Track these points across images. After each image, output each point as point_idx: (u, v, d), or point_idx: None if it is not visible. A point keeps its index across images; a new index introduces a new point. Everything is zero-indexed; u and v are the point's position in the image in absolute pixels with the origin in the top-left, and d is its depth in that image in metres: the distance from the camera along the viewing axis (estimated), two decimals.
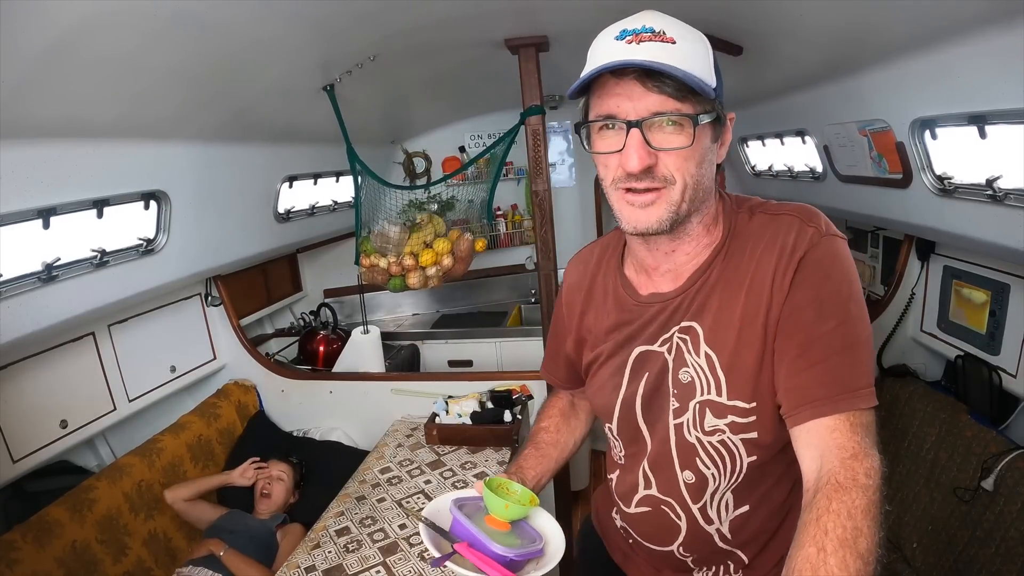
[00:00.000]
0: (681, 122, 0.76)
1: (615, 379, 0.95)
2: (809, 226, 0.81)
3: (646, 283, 0.93)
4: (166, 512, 1.91)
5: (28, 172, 1.33)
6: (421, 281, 2.26)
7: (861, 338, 0.78)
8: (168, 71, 1.39)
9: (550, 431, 1.13)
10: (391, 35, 1.79)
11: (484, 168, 3.16)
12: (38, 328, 1.50)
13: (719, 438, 0.86)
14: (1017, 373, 1.66)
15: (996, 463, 1.55)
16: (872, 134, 1.66)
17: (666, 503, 0.94)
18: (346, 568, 1.49)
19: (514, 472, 1.03)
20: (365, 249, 2.26)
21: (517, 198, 3.67)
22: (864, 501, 0.68)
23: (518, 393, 2.20)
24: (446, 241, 2.27)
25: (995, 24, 1.05)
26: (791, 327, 0.79)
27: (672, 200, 0.79)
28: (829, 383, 0.75)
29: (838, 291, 0.78)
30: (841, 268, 0.79)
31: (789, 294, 0.79)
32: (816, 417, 0.75)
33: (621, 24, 0.78)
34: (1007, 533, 1.48)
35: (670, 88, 0.74)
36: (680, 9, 1.44)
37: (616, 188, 0.81)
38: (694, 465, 0.89)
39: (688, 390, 0.87)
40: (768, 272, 0.81)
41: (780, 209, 0.86)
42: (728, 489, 0.90)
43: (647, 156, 0.76)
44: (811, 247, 0.79)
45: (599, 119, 0.79)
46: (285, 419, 2.50)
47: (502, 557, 0.83)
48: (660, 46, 0.74)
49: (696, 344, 0.86)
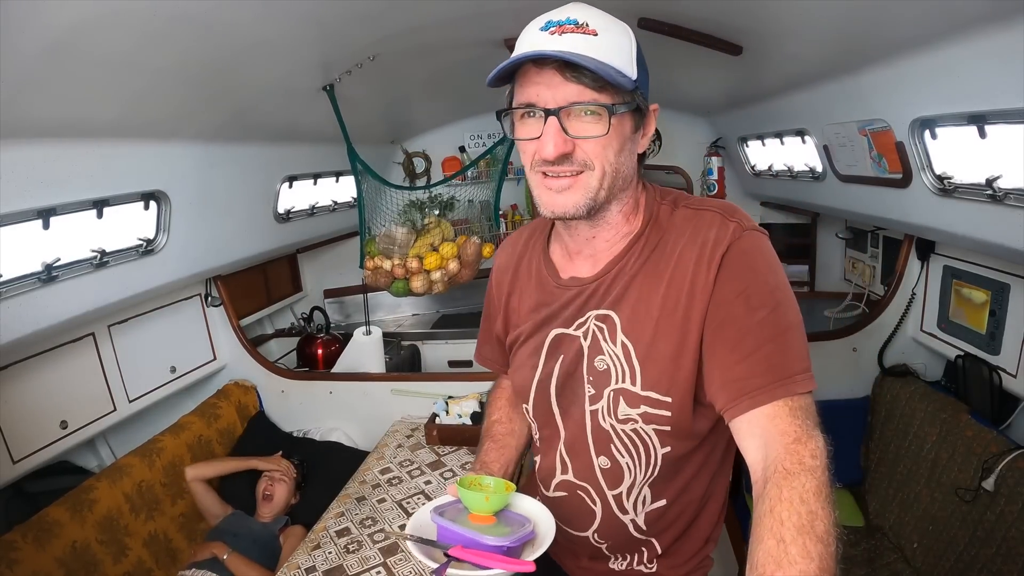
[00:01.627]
0: (598, 111, 0.77)
1: (532, 360, 0.97)
2: (730, 221, 0.83)
3: (568, 266, 0.94)
4: (166, 513, 1.91)
5: (28, 172, 1.33)
6: (425, 286, 2.21)
7: (792, 324, 0.79)
8: (168, 71, 1.39)
9: (503, 422, 1.13)
10: (391, 35, 1.79)
11: (484, 168, 3.17)
12: (38, 328, 1.50)
13: (632, 427, 0.88)
14: (1017, 373, 1.66)
15: (997, 463, 1.55)
16: (872, 134, 1.66)
17: (582, 488, 0.95)
18: (346, 569, 1.49)
19: (479, 469, 1.03)
20: (370, 251, 2.25)
21: (517, 198, 3.66)
22: (814, 483, 0.68)
23: None
24: (453, 245, 2.23)
25: (995, 24, 1.05)
26: (720, 321, 0.80)
27: (590, 186, 0.81)
28: (764, 372, 0.75)
29: (764, 281, 0.79)
30: (764, 259, 0.81)
31: (715, 289, 0.80)
32: (754, 407, 0.75)
33: (548, 15, 0.80)
34: (1008, 533, 1.48)
35: (587, 79, 0.76)
36: (680, 9, 1.43)
37: (535, 171, 0.83)
38: (609, 451, 0.91)
39: (603, 377, 0.88)
40: (689, 266, 0.82)
41: (703, 204, 0.88)
42: (645, 483, 0.91)
43: (563, 143, 0.78)
44: (733, 241, 0.81)
45: (520, 107, 0.81)
46: (285, 419, 2.50)
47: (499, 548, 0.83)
48: (582, 38, 0.76)
49: (613, 332, 0.87)
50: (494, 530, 0.86)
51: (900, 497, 1.87)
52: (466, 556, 0.82)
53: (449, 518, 0.88)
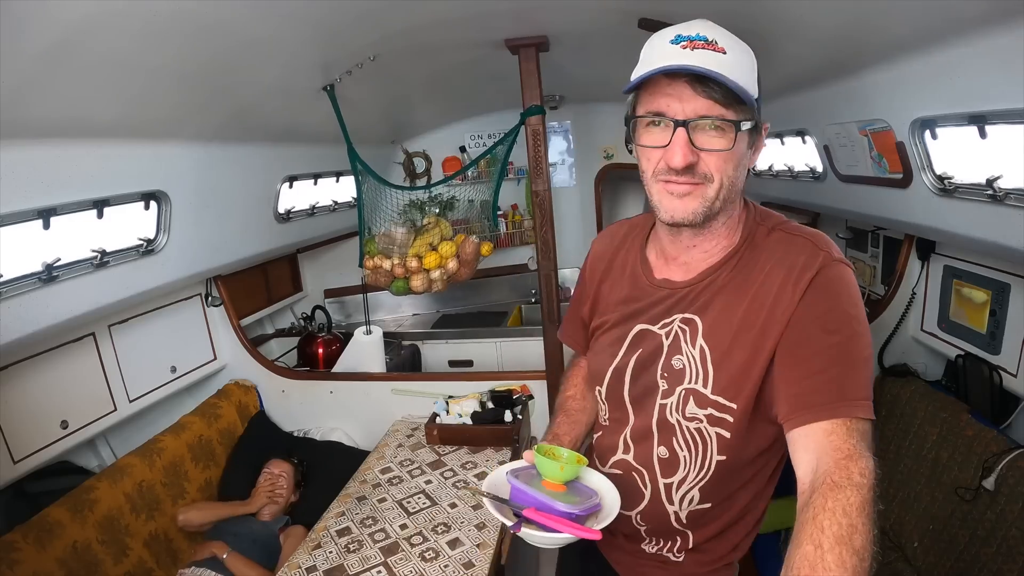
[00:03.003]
0: (724, 127, 0.81)
1: (613, 347, 1.02)
2: (821, 250, 0.86)
3: (662, 268, 0.99)
4: (167, 513, 1.91)
5: (28, 172, 1.33)
6: (425, 284, 2.22)
7: (862, 356, 0.82)
8: (168, 71, 1.39)
9: (576, 398, 1.19)
10: (391, 35, 1.79)
11: (484, 168, 3.17)
12: (38, 328, 1.50)
13: (696, 425, 0.93)
14: (1018, 372, 1.66)
15: (997, 462, 1.55)
16: (872, 134, 1.66)
17: (637, 471, 1.01)
18: (347, 568, 1.49)
19: (550, 440, 1.09)
20: (369, 250, 2.25)
21: (517, 198, 3.67)
22: (859, 499, 0.70)
23: (518, 393, 2.21)
24: (451, 244, 2.24)
25: (995, 24, 1.05)
26: (796, 340, 0.83)
27: (708, 196, 0.84)
28: (828, 391, 0.79)
29: (843, 310, 0.83)
30: (846, 290, 0.84)
31: (796, 310, 0.83)
32: (814, 421, 0.78)
33: (676, 29, 0.83)
34: (1008, 532, 1.48)
35: (717, 94, 0.80)
36: (680, 9, 1.43)
37: (656, 180, 0.86)
38: (670, 443, 0.96)
39: (678, 376, 0.93)
40: (774, 286, 0.86)
41: (798, 231, 0.91)
42: (696, 485, 0.96)
43: (690, 154, 0.81)
44: (821, 268, 0.84)
45: (648, 115, 0.84)
46: (286, 419, 2.50)
47: (569, 514, 0.88)
48: (712, 54, 0.80)
49: (694, 336, 0.92)
50: (564, 498, 0.92)
51: (900, 496, 1.87)
52: (538, 518, 0.89)
53: (522, 481, 0.95)
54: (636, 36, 1.90)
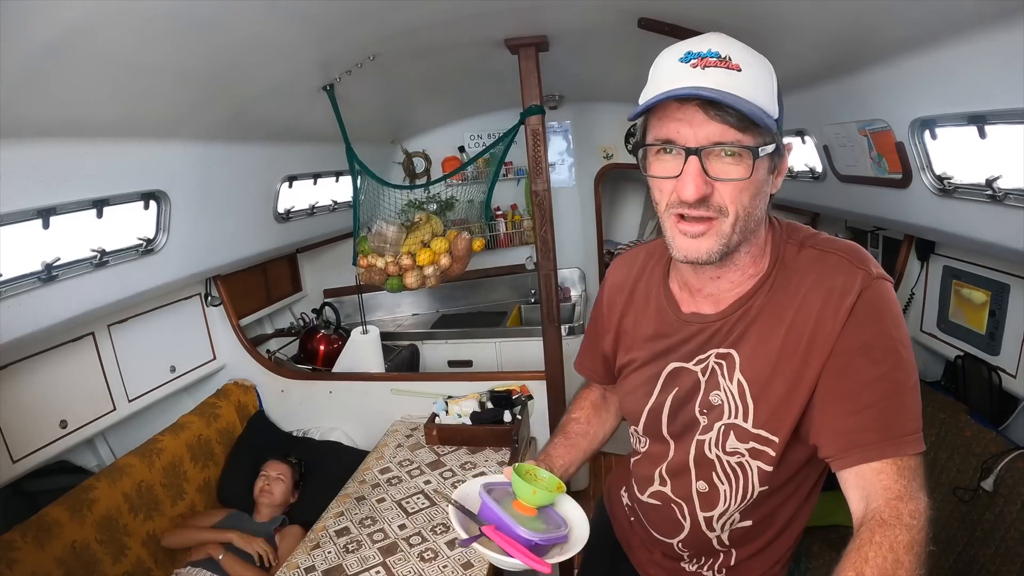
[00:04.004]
0: (740, 153, 0.75)
1: (646, 387, 0.97)
2: (859, 269, 0.81)
3: (688, 301, 0.93)
4: (166, 513, 1.91)
5: (28, 172, 1.33)
6: (419, 281, 2.24)
7: (909, 384, 0.78)
8: (168, 71, 1.39)
9: (580, 422, 1.15)
10: (391, 35, 1.79)
11: (484, 168, 3.16)
12: (38, 328, 1.49)
13: (738, 460, 0.89)
14: (1017, 373, 1.66)
15: (996, 463, 1.55)
16: (872, 134, 1.66)
17: (676, 504, 0.98)
18: (346, 568, 1.49)
19: (542, 460, 1.05)
20: (363, 249, 2.26)
21: (517, 198, 3.67)
22: (907, 538, 0.69)
23: (518, 393, 2.20)
24: (443, 240, 2.26)
25: (995, 24, 1.04)
26: (840, 370, 0.79)
27: (723, 232, 0.78)
28: (876, 428, 0.76)
29: (888, 336, 0.78)
30: (890, 313, 0.80)
31: (840, 338, 0.79)
32: (863, 462, 0.76)
33: (687, 44, 0.77)
34: (1007, 533, 1.48)
35: (732, 118, 0.73)
36: (680, 9, 1.43)
37: (669, 214, 0.81)
38: (709, 478, 0.93)
39: (717, 412, 0.89)
40: (812, 312, 0.81)
41: (830, 246, 0.85)
42: (737, 511, 0.93)
43: (704, 185, 0.75)
44: (862, 291, 0.79)
45: (657, 143, 0.78)
46: (285, 419, 2.50)
47: (527, 541, 0.86)
48: (725, 73, 0.73)
49: (731, 370, 0.87)
50: (531, 523, 0.90)
51: None
52: (495, 538, 0.87)
53: (496, 498, 0.93)
54: (636, 36, 1.90)
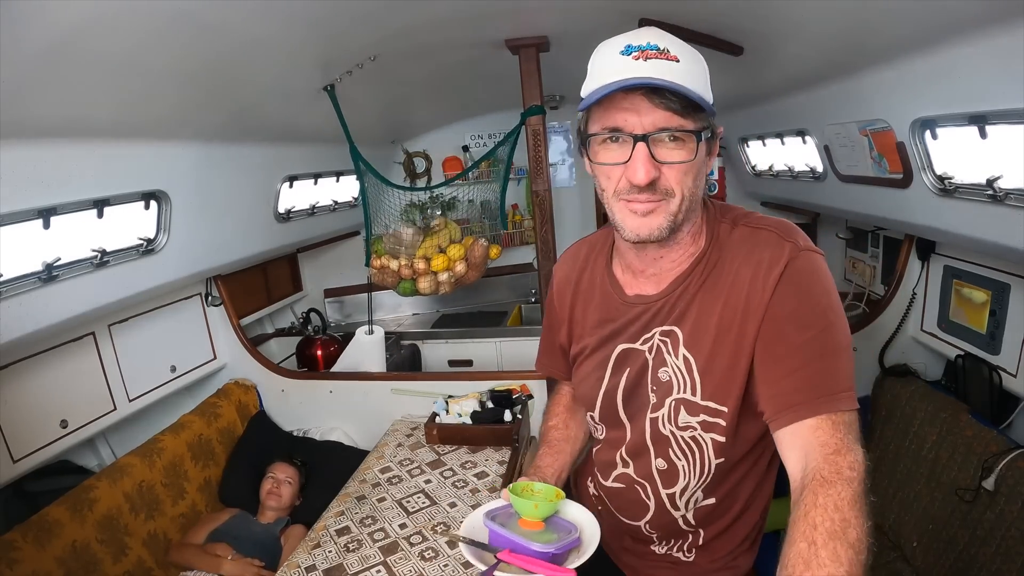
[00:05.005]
0: (684, 137, 0.79)
1: (598, 372, 1.00)
2: (786, 241, 0.85)
3: (632, 283, 0.97)
4: (167, 513, 1.91)
5: (28, 172, 1.33)
6: (432, 286, 2.21)
7: (840, 345, 0.82)
8: (168, 71, 1.39)
9: (559, 428, 1.17)
10: (391, 35, 1.79)
11: (485, 169, 3.16)
12: (38, 328, 1.50)
13: (691, 434, 0.92)
14: (1017, 373, 1.66)
15: (996, 463, 1.55)
16: (872, 134, 1.66)
17: (640, 484, 1.00)
18: (346, 568, 1.49)
19: (533, 473, 1.07)
20: (376, 250, 2.24)
21: (517, 198, 3.67)
22: (850, 493, 0.70)
23: (518, 393, 2.20)
24: (460, 247, 2.23)
25: (995, 24, 1.05)
26: (771, 338, 0.83)
27: (671, 212, 0.83)
28: (809, 388, 0.79)
29: (816, 302, 0.82)
30: (817, 281, 0.83)
31: (769, 307, 0.83)
32: (798, 419, 0.79)
33: (624, 38, 0.80)
34: (1007, 533, 1.48)
35: (676, 105, 0.77)
36: (681, 9, 1.43)
37: (618, 199, 0.84)
38: (667, 455, 0.96)
39: (666, 388, 0.93)
40: (744, 285, 0.85)
41: (760, 223, 0.90)
42: (699, 488, 0.96)
43: (653, 169, 0.79)
44: (789, 261, 0.83)
45: (604, 132, 0.81)
46: (285, 419, 2.50)
47: (544, 554, 0.87)
48: (665, 64, 0.78)
49: (676, 346, 0.91)
50: (541, 536, 0.92)
51: (900, 496, 1.87)
52: (513, 560, 0.88)
53: (500, 522, 0.94)
54: None
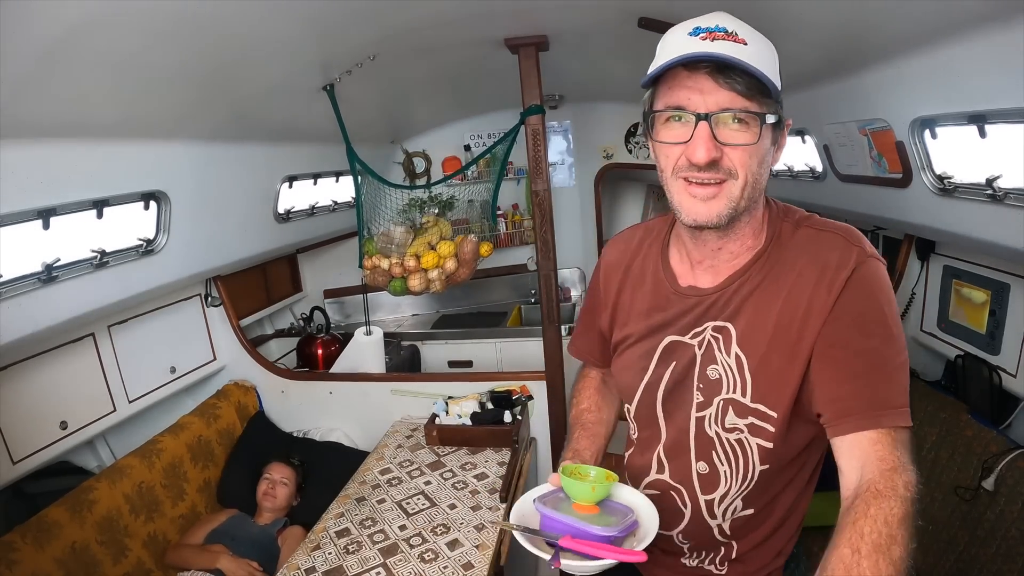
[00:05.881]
0: (747, 120, 0.78)
1: (642, 362, 0.97)
2: (854, 246, 0.83)
3: (687, 274, 0.94)
4: (166, 514, 1.91)
5: (28, 172, 1.32)
6: (423, 284, 2.21)
7: (899, 360, 0.80)
8: (168, 71, 1.39)
9: (592, 411, 1.14)
10: (391, 35, 1.79)
11: (484, 168, 3.16)
12: (38, 329, 1.49)
13: (736, 436, 0.88)
14: (1017, 373, 1.66)
15: (996, 463, 1.55)
16: (872, 133, 1.66)
17: (676, 490, 0.96)
18: (346, 569, 1.49)
19: (572, 457, 1.04)
20: (368, 250, 2.25)
21: (517, 198, 3.67)
22: (901, 511, 0.70)
23: (518, 394, 2.20)
24: (450, 244, 2.23)
25: (995, 24, 1.04)
26: (833, 341, 0.80)
27: (732, 195, 0.80)
28: (871, 397, 0.77)
29: (880, 311, 0.80)
30: (882, 290, 0.82)
31: (833, 310, 0.80)
32: (860, 430, 0.77)
33: (694, 21, 0.80)
34: (1008, 533, 1.48)
35: (740, 86, 0.76)
36: (680, 9, 1.43)
37: (677, 177, 0.82)
38: (709, 457, 0.91)
39: (715, 386, 0.89)
40: (808, 286, 0.82)
41: (825, 226, 0.87)
42: (739, 496, 0.92)
43: (713, 149, 0.77)
44: (856, 267, 0.81)
45: (668, 109, 0.80)
46: (285, 419, 2.50)
47: (607, 537, 0.83)
48: (733, 45, 0.77)
49: (728, 344, 0.88)
50: (599, 520, 0.87)
51: None
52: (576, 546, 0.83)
53: (551, 507, 0.89)
54: (636, 35, 1.90)
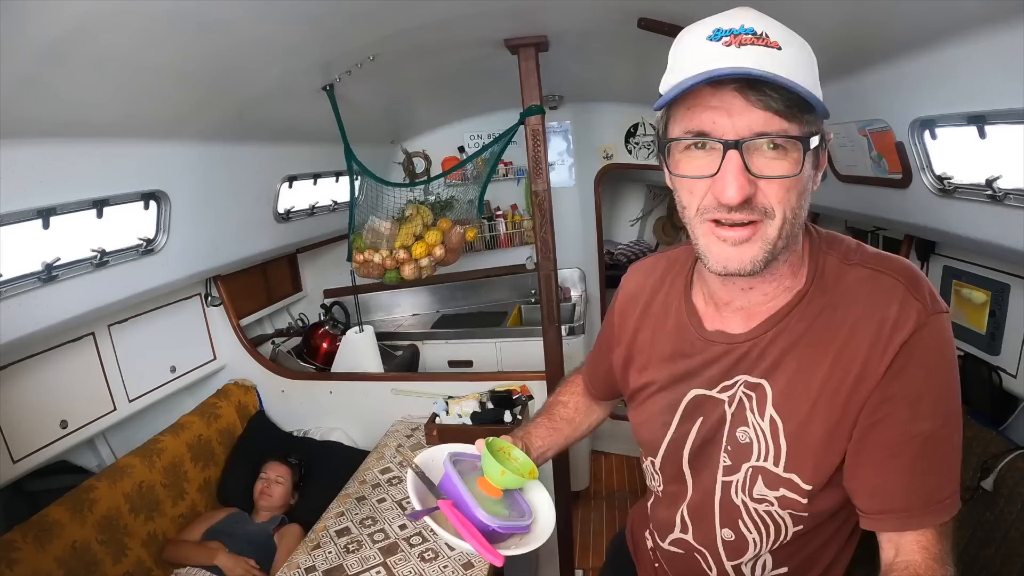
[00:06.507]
0: (787, 145, 0.64)
1: (664, 416, 0.86)
2: (916, 299, 0.70)
3: (713, 317, 0.82)
4: (166, 513, 1.91)
5: (28, 172, 1.32)
6: (415, 272, 2.29)
7: (954, 440, 0.71)
8: (168, 71, 1.39)
9: (568, 407, 1.09)
10: (391, 35, 1.79)
11: (483, 167, 3.16)
12: (38, 328, 1.49)
13: (766, 508, 0.79)
14: (1017, 373, 1.66)
15: (996, 463, 1.55)
16: (872, 134, 1.66)
17: (700, 552, 0.88)
18: (346, 568, 1.49)
19: (520, 438, 0.99)
20: (357, 245, 2.27)
21: (517, 198, 3.66)
22: None
23: (518, 393, 2.20)
24: (436, 232, 2.31)
25: (995, 24, 1.04)
26: (882, 417, 0.70)
27: (769, 237, 0.67)
28: (917, 491, 0.69)
29: (939, 385, 0.70)
30: (945, 359, 0.70)
31: (884, 380, 0.69)
32: (903, 530, 0.71)
33: (714, 21, 0.65)
34: (1007, 533, 1.48)
35: (778, 103, 0.62)
36: (680, 9, 1.43)
37: (703, 220, 0.69)
38: (735, 525, 0.83)
39: (744, 451, 0.79)
40: (863, 345, 0.70)
41: (881, 264, 0.73)
42: (768, 551, 0.83)
43: (747, 184, 0.63)
44: (917, 329, 0.68)
45: (688, 136, 0.66)
46: (285, 419, 2.50)
47: (484, 525, 0.79)
48: (765, 51, 0.62)
49: (762, 404, 0.76)
50: (493, 506, 0.83)
51: None
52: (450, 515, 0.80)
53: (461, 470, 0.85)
54: (636, 36, 1.90)
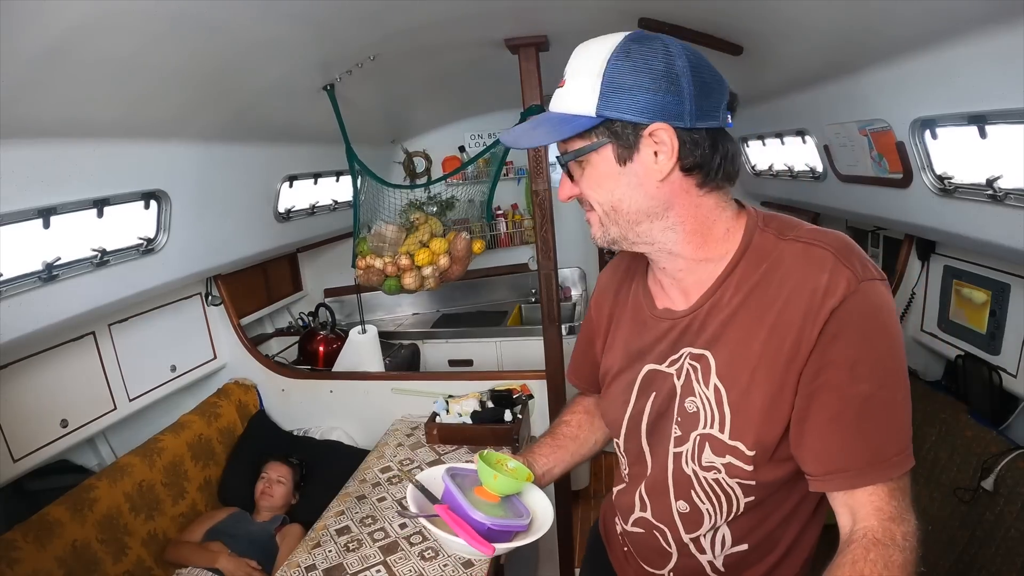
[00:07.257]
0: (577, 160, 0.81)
1: (624, 395, 0.93)
2: (845, 267, 0.72)
3: (662, 297, 0.90)
4: (167, 513, 1.92)
5: (28, 172, 1.33)
6: (417, 282, 2.21)
7: (897, 399, 0.72)
8: (169, 71, 1.39)
9: (571, 425, 1.12)
10: (391, 35, 1.79)
11: (484, 168, 3.16)
12: (38, 328, 1.50)
13: (714, 476, 0.82)
14: (1017, 373, 1.66)
15: (996, 463, 1.55)
16: (872, 134, 1.66)
17: (659, 529, 0.92)
18: (346, 567, 1.49)
19: (523, 456, 1.03)
20: (361, 250, 2.25)
21: (517, 198, 3.67)
22: (901, 559, 0.68)
23: (518, 392, 2.20)
24: (443, 241, 2.24)
25: (995, 24, 1.05)
26: (820, 383, 0.73)
27: (595, 222, 0.84)
28: (862, 451, 0.72)
29: (874, 347, 0.72)
30: (879, 321, 0.72)
31: (818, 347, 0.72)
32: (850, 487, 0.73)
33: None
34: (1007, 533, 1.48)
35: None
36: (680, 9, 1.43)
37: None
38: (688, 497, 0.86)
39: (692, 420, 0.83)
40: (797, 314, 0.73)
41: (815, 237, 0.77)
42: (724, 524, 0.86)
43: (568, 188, 0.84)
44: (846, 296, 0.71)
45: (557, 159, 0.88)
46: (285, 418, 2.50)
47: (479, 525, 0.83)
48: (559, 92, 0.81)
49: (707, 374, 0.81)
50: (491, 510, 0.87)
51: None
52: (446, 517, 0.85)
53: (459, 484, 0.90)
54: None
